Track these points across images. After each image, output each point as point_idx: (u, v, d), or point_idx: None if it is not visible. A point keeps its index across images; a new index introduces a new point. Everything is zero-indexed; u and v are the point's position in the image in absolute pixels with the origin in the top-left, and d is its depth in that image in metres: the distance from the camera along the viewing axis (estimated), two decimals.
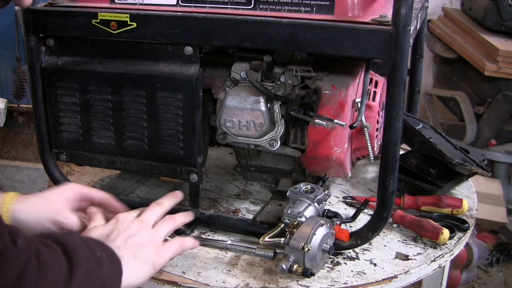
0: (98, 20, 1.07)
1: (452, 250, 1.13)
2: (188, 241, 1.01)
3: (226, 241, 1.13)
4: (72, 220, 0.98)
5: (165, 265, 0.96)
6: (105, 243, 0.87)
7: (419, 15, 1.25)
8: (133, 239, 0.91)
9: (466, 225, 1.20)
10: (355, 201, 1.30)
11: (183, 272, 1.04)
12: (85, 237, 0.87)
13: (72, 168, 1.45)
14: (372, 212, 1.11)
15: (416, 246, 1.14)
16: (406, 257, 1.10)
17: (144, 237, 0.92)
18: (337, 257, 1.09)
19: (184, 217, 1.04)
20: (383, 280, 1.03)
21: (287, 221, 1.06)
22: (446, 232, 1.12)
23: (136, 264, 0.88)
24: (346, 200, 1.31)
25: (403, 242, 1.15)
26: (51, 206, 0.98)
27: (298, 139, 1.14)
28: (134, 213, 1.00)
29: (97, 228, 0.93)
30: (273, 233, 1.05)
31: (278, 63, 1.12)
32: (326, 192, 1.10)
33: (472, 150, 1.41)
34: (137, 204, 1.09)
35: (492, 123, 2.73)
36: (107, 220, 0.99)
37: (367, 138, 1.15)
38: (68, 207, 1.00)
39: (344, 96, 1.10)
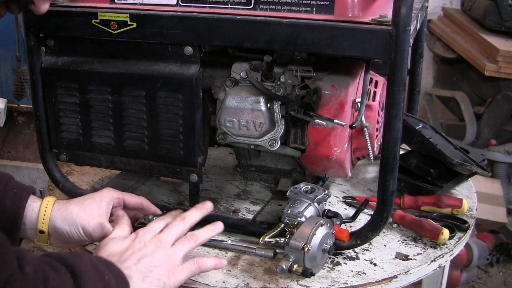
0: (98, 20, 1.07)
1: (452, 250, 1.13)
2: (208, 262, 0.95)
3: (226, 241, 1.12)
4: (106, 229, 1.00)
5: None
6: (115, 264, 0.85)
7: (419, 15, 1.25)
8: (146, 259, 0.88)
9: (466, 225, 1.20)
10: (355, 201, 1.30)
11: None
12: (95, 258, 0.85)
13: (72, 168, 1.45)
14: (372, 212, 1.11)
15: (416, 246, 1.14)
16: (406, 257, 1.10)
17: (158, 257, 0.89)
18: (337, 257, 1.09)
19: (209, 233, 0.99)
20: (383, 280, 1.03)
21: (287, 221, 1.06)
22: (446, 232, 1.12)
23: (145, 286, 0.86)
24: (346, 200, 1.31)
25: (403, 242, 1.15)
26: (86, 214, 0.99)
27: (298, 139, 1.14)
28: (159, 226, 0.96)
29: (115, 242, 0.91)
30: (273, 233, 1.05)
31: (278, 63, 1.12)
32: (326, 192, 1.10)
33: (472, 150, 1.41)
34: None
35: (492, 123, 2.73)
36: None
37: (367, 138, 1.15)
38: (103, 214, 1.01)
39: (344, 96, 1.10)
